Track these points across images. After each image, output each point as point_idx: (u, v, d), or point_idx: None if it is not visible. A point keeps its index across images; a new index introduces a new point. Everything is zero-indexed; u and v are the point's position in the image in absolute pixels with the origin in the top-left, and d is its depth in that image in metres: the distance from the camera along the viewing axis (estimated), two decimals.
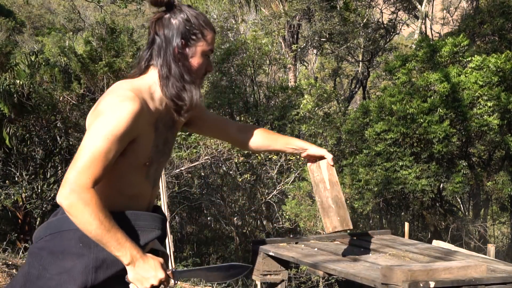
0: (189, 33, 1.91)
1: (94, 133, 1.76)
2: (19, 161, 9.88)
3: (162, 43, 1.91)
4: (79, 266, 1.78)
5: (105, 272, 1.80)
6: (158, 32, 1.92)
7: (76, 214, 1.70)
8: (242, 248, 13.91)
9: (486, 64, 11.51)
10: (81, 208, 1.69)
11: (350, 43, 18.82)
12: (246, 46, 14.37)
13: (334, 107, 16.77)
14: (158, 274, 1.78)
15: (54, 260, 1.81)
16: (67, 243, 1.81)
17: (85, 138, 1.77)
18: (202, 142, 12.25)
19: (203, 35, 1.94)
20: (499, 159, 13.44)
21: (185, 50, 1.92)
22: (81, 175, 1.71)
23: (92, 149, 1.73)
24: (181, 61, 1.91)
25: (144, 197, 1.96)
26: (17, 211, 10.18)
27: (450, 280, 3.93)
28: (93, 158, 1.73)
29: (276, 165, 13.59)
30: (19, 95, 9.74)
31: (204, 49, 1.94)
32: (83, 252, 1.79)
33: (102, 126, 1.76)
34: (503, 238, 17.72)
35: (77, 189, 1.69)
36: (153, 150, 1.90)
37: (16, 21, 31.03)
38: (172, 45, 1.90)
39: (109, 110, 1.78)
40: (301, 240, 5.72)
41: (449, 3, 24.53)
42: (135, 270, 1.77)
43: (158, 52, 1.91)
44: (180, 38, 1.90)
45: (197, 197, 13.93)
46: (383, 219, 15.58)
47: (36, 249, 1.87)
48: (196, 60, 1.94)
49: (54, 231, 1.85)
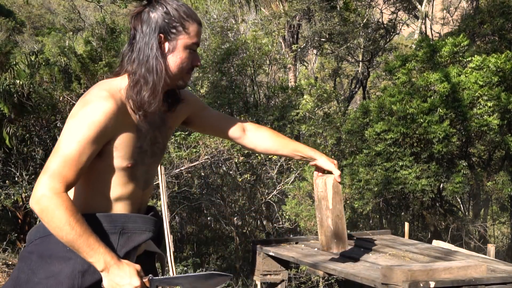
0: (168, 26, 1.82)
1: (66, 136, 1.72)
2: (19, 161, 9.87)
3: (141, 39, 1.82)
4: (66, 270, 1.75)
5: (92, 276, 1.76)
6: (137, 28, 1.84)
7: (47, 219, 1.66)
8: (242, 248, 13.91)
9: (486, 64, 11.51)
10: (51, 213, 1.65)
11: (350, 43, 18.82)
12: (246, 46, 14.37)
13: (334, 107, 16.78)
14: (132, 281, 1.71)
15: (43, 264, 1.78)
16: (55, 247, 1.77)
17: (58, 142, 1.73)
18: (201, 142, 12.25)
19: (184, 28, 1.84)
20: (499, 159, 13.44)
21: (164, 45, 1.83)
22: (52, 180, 1.67)
23: (63, 153, 1.70)
24: (160, 57, 1.81)
25: (133, 200, 1.90)
26: (17, 211, 10.18)
27: (450, 280, 3.93)
28: (65, 162, 1.69)
29: (276, 165, 13.59)
30: (19, 95, 9.73)
31: (187, 42, 1.85)
32: (70, 256, 1.75)
33: (74, 129, 1.72)
34: (503, 238, 17.72)
35: (47, 193, 1.66)
36: (136, 151, 1.83)
37: (16, 21, 31.03)
38: (150, 40, 1.80)
39: (82, 111, 1.74)
40: (301, 240, 5.72)
41: (449, 3, 24.53)
42: (109, 276, 1.71)
43: (136, 48, 1.83)
44: (159, 32, 1.81)
45: (197, 197, 13.93)
46: (383, 219, 15.58)
47: (26, 253, 1.84)
48: (178, 55, 1.84)
49: (43, 234, 1.80)
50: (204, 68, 14.94)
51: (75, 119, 1.73)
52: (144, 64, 1.80)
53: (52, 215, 1.65)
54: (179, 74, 1.87)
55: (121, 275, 1.71)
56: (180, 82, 1.90)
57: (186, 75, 1.90)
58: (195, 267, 10.60)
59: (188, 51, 1.86)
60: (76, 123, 1.72)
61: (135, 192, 1.89)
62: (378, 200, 12.52)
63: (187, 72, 1.89)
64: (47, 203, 1.66)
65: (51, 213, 1.65)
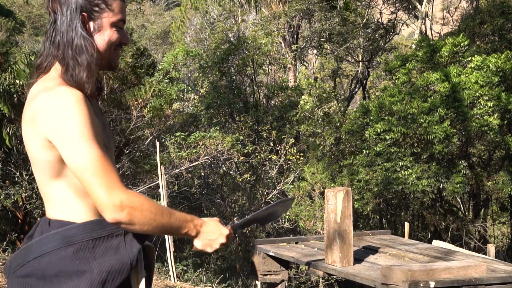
0: (90, 5, 1.70)
1: (74, 144, 1.58)
2: (19, 161, 9.87)
3: (63, 22, 1.70)
4: (83, 285, 1.63)
5: (112, 284, 1.67)
6: (56, 11, 1.71)
7: (139, 218, 1.60)
8: (242, 248, 13.90)
9: (486, 64, 11.51)
10: (140, 208, 1.60)
11: (349, 43, 18.81)
12: (246, 46, 14.37)
13: (334, 107, 16.78)
14: (222, 231, 1.79)
15: (48, 285, 1.64)
16: (61, 263, 1.64)
17: (71, 155, 1.59)
18: (201, 142, 12.26)
19: (107, 5, 1.73)
20: (499, 159, 13.44)
21: (89, 24, 1.72)
22: (109, 188, 1.58)
23: (88, 159, 1.58)
24: (83, 38, 1.69)
25: None
26: (17, 211, 10.17)
27: (450, 280, 3.93)
28: (99, 165, 1.59)
29: (276, 165, 13.60)
30: (19, 95, 9.73)
31: (113, 20, 1.74)
32: (84, 269, 1.64)
33: (72, 131, 1.58)
34: (503, 238, 17.73)
35: (119, 203, 1.57)
36: (103, 134, 1.72)
37: (16, 21, 31.02)
38: (73, 21, 1.69)
39: (61, 111, 1.59)
40: (301, 240, 5.72)
41: (449, 3, 24.53)
42: (202, 237, 1.77)
43: (59, 32, 1.71)
44: (80, 12, 1.69)
45: (197, 197, 13.93)
46: (383, 219, 15.58)
47: (20, 278, 1.67)
48: (105, 33, 1.74)
49: (39, 254, 1.66)
50: (204, 68, 14.94)
51: (62, 123, 1.59)
52: (70, 46, 1.69)
53: (142, 209, 1.60)
54: (108, 53, 1.77)
55: (211, 231, 1.77)
56: (112, 63, 1.80)
57: (115, 54, 1.80)
58: (195, 267, 10.59)
59: (114, 28, 1.76)
60: (68, 125, 1.58)
61: None
62: (378, 200, 12.52)
63: (115, 49, 1.79)
64: (131, 203, 1.59)
65: (140, 209, 1.60)
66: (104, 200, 1.57)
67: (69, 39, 1.70)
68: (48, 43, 1.74)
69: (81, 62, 1.69)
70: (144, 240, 1.78)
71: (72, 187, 1.70)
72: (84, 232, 1.68)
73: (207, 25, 18.34)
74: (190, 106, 17.34)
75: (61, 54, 1.71)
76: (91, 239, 1.68)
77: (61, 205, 1.71)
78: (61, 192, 1.70)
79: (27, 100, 1.72)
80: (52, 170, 1.67)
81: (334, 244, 3.21)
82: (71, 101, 1.61)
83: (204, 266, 11.29)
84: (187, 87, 16.63)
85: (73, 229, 1.68)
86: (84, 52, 1.69)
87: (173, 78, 13.80)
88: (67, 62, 1.70)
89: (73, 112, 1.59)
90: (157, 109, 11.05)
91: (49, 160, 1.66)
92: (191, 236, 1.75)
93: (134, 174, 11.98)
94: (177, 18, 23.90)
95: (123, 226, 1.61)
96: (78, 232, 1.68)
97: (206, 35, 18.17)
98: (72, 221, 1.70)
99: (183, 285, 7.33)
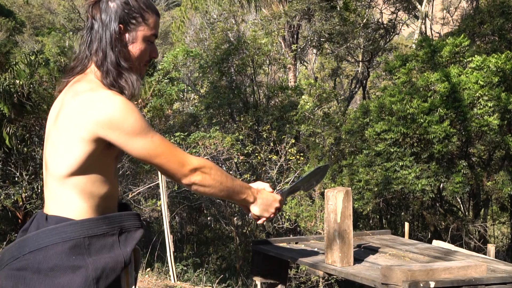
0: (128, 16, 1.78)
1: (140, 136, 1.71)
2: (19, 161, 9.87)
3: (99, 29, 1.77)
4: (78, 280, 1.65)
5: (105, 281, 1.70)
6: (95, 17, 1.78)
7: (209, 180, 1.80)
8: (242, 248, 13.90)
9: (486, 64, 11.50)
10: (211, 172, 1.80)
11: (350, 43, 18.82)
12: (246, 46, 14.37)
13: (334, 107, 16.78)
14: (276, 197, 1.95)
15: (43, 278, 1.65)
16: (57, 258, 1.66)
17: (140, 147, 1.73)
18: (201, 142, 12.26)
19: (144, 19, 1.80)
20: (499, 159, 13.44)
21: (124, 35, 1.79)
22: (182, 160, 1.77)
23: (157, 145, 1.74)
24: (119, 47, 1.77)
25: (115, 196, 1.86)
26: (17, 211, 10.17)
27: (450, 280, 3.92)
28: (166, 146, 1.75)
29: (276, 165, 13.59)
30: (19, 95, 9.73)
31: (146, 34, 1.82)
32: (79, 264, 1.67)
33: (134, 126, 1.70)
34: (503, 238, 17.73)
35: (193, 167, 1.77)
36: None
37: (16, 21, 31.03)
38: (109, 30, 1.76)
39: (118, 111, 1.69)
40: (301, 240, 5.71)
41: (449, 3, 24.53)
42: (258, 203, 1.93)
43: (95, 38, 1.78)
44: (118, 22, 1.77)
45: (197, 197, 13.93)
46: (383, 219, 15.58)
47: (14, 271, 1.68)
48: (137, 46, 1.81)
49: (35, 248, 1.68)
50: (204, 68, 14.93)
51: (124, 119, 1.69)
52: (109, 52, 1.77)
53: (211, 172, 1.80)
54: (138, 66, 1.84)
55: (267, 198, 1.95)
56: (139, 75, 1.86)
57: (143, 68, 1.87)
58: (195, 267, 10.59)
59: (147, 42, 1.83)
60: (130, 121, 1.70)
61: (117, 187, 1.88)
62: (378, 200, 12.51)
63: (144, 64, 1.87)
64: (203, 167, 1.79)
65: (209, 172, 1.80)
66: (181, 170, 1.77)
67: (105, 46, 1.77)
68: (83, 47, 1.82)
69: (125, 66, 1.79)
70: (135, 243, 1.82)
71: (79, 189, 1.74)
72: (81, 229, 1.71)
73: (207, 25, 18.33)
74: (190, 106, 17.35)
75: (100, 60, 1.78)
76: (87, 236, 1.71)
77: (64, 203, 1.75)
78: (68, 192, 1.74)
79: (66, 95, 1.78)
80: (75, 166, 1.72)
81: (334, 244, 3.21)
82: (123, 101, 1.71)
83: (204, 266, 11.29)
84: (187, 87, 16.63)
85: (70, 226, 1.71)
86: (122, 60, 1.78)
87: (173, 78, 13.80)
88: (106, 68, 1.77)
89: (129, 110, 1.70)
90: (157, 109, 11.05)
91: (80, 156, 1.71)
92: (249, 201, 1.92)
93: (134, 174, 11.98)
94: (177, 18, 23.89)
95: (195, 188, 1.81)
96: (75, 229, 1.71)
97: (206, 35, 18.16)
98: (70, 218, 1.73)
99: (183, 285, 7.33)
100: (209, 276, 9.77)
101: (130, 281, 1.82)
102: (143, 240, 11.16)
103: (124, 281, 1.79)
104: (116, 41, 1.77)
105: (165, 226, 7.74)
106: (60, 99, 1.80)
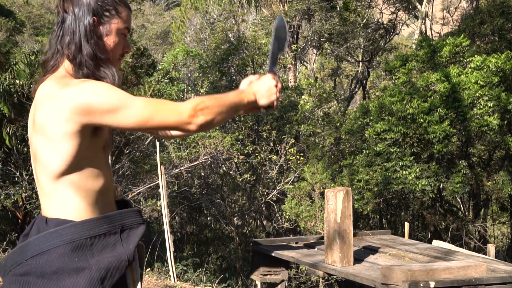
0: (101, 9, 1.77)
1: (122, 108, 1.66)
2: (19, 161, 9.87)
3: (72, 22, 1.75)
4: (83, 282, 1.64)
5: (110, 280, 1.69)
6: (68, 10, 1.76)
7: (212, 116, 1.74)
8: (242, 248, 13.90)
9: (486, 64, 11.50)
10: (208, 110, 1.72)
11: (350, 43, 18.82)
12: (246, 46, 14.37)
13: (334, 107, 16.78)
14: (266, 78, 1.90)
15: (47, 282, 1.64)
16: (60, 261, 1.65)
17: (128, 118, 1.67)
18: (201, 142, 12.25)
19: (118, 12, 1.80)
20: (499, 159, 13.44)
21: (98, 28, 1.77)
22: (176, 112, 1.70)
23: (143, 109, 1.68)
24: (94, 39, 1.75)
25: (111, 190, 1.83)
26: (17, 211, 10.17)
27: (450, 280, 3.93)
28: (153, 105, 1.70)
29: (276, 165, 13.59)
30: (19, 95, 9.73)
31: (120, 27, 1.81)
32: (83, 266, 1.65)
33: (111, 101, 1.66)
34: (503, 238, 17.73)
35: (191, 114, 1.70)
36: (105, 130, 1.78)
37: (16, 21, 31.02)
38: (83, 23, 1.74)
39: (91, 93, 1.65)
40: (301, 240, 5.71)
41: (449, 3, 24.53)
42: (260, 94, 1.87)
43: (68, 32, 1.75)
44: (92, 15, 1.75)
45: (197, 197, 13.94)
46: (383, 219, 15.59)
47: (18, 276, 1.67)
48: (111, 39, 1.80)
49: (36, 252, 1.66)
50: (204, 68, 14.93)
51: (100, 99, 1.65)
52: (84, 44, 1.75)
53: (207, 106, 1.73)
54: (113, 58, 1.84)
55: (261, 85, 1.89)
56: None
57: (118, 61, 1.86)
58: (195, 267, 10.59)
59: (121, 36, 1.83)
60: (106, 98, 1.66)
61: (111, 180, 1.85)
62: (378, 200, 12.52)
63: (118, 58, 1.86)
64: (197, 107, 1.72)
65: (205, 106, 1.73)
66: (182, 120, 1.71)
67: (82, 39, 1.75)
68: (54, 41, 1.79)
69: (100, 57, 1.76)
70: (138, 239, 1.80)
71: (74, 186, 1.72)
72: (82, 230, 1.70)
73: (207, 25, 18.34)
74: None
75: (72, 53, 1.75)
76: (89, 237, 1.70)
77: (61, 204, 1.73)
78: (63, 191, 1.72)
79: (38, 97, 1.75)
80: (66, 164, 1.69)
81: (334, 244, 3.20)
82: (91, 83, 1.68)
83: (204, 266, 11.29)
84: (187, 87, 16.64)
85: (71, 228, 1.69)
86: (99, 51, 1.76)
87: (173, 78, 13.80)
88: (79, 61, 1.75)
89: (100, 89, 1.67)
90: None
91: (68, 152, 1.68)
92: (252, 100, 1.87)
93: (134, 174, 11.98)
94: (177, 18, 23.90)
95: (204, 127, 1.75)
96: (76, 230, 1.69)
97: (206, 35, 18.16)
98: (70, 219, 1.72)
99: (183, 285, 7.33)
100: (209, 276, 9.77)
101: (136, 278, 1.80)
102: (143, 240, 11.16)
103: (129, 278, 1.77)
104: (91, 33, 1.75)
105: (165, 226, 7.74)
106: (34, 103, 1.78)
